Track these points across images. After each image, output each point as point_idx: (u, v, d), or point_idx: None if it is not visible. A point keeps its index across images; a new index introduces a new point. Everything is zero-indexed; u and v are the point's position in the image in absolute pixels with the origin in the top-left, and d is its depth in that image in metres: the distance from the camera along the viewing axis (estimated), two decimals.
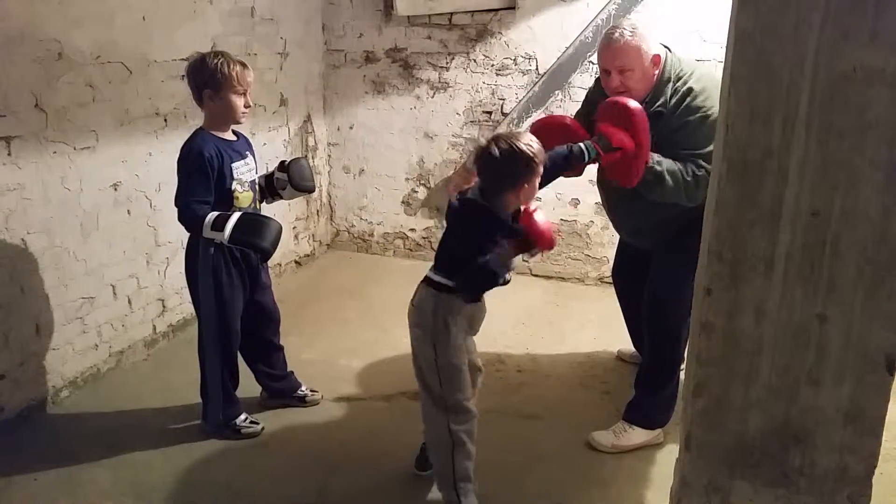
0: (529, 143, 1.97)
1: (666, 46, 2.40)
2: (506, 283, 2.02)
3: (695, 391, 1.33)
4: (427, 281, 2.12)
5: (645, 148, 2.18)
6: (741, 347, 1.27)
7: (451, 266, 2.07)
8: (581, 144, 2.19)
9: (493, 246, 1.97)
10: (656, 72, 2.33)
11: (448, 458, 2.13)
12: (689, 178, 2.25)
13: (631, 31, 2.28)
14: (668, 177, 2.25)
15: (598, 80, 2.61)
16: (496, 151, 1.95)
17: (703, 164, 2.22)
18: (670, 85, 2.32)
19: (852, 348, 1.21)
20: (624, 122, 2.20)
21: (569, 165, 2.20)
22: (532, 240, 2.09)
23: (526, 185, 2.00)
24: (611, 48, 2.30)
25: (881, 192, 1.14)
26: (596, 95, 2.58)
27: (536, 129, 2.39)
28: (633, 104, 2.20)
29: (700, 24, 3.52)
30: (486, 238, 1.98)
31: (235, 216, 2.31)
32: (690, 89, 2.29)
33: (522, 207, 2.09)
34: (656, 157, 2.24)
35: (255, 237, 2.32)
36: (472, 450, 2.15)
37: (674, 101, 2.31)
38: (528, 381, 3.04)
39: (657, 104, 2.31)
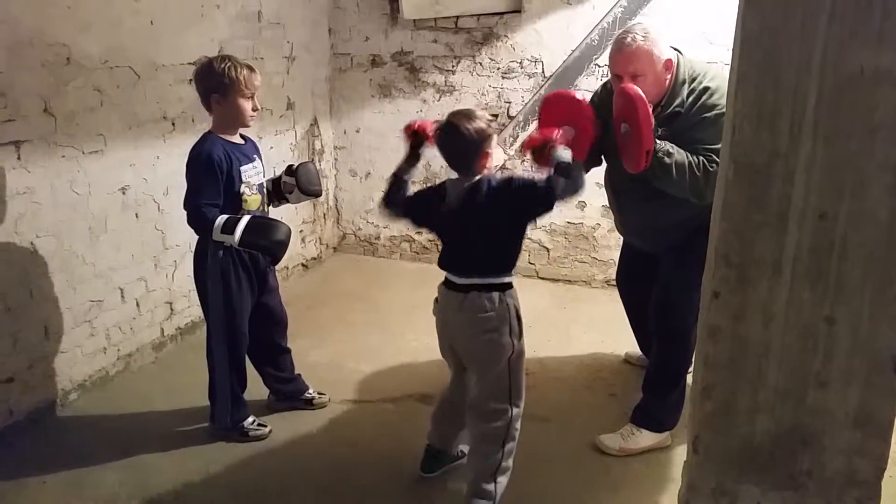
0: (475, 120, 2.07)
1: (677, 49, 2.40)
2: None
3: (702, 394, 1.32)
4: (479, 288, 2.09)
5: (644, 133, 2.17)
6: (749, 350, 1.27)
7: (500, 262, 2.12)
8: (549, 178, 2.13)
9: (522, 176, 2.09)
10: (669, 76, 2.32)
11: (499, 449, 2.16)
12: (698, 172, 2.24)
13: (643, 36, 2.26)
14: (675, 168, 2.24)
15: (603, 85, 2.61)
16: (465, 127, 2.05)
17: (717, 159, 2.21)
18: (685, 86, 2.32)
19: (860, 351, 1.20)
20: (627, 108, 2.21)
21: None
22: (540, 144, 2.15)
23: (488, 152, 2.10)
24: (623, 53, 2.29)
25: (889, 193, 1.14)
26: (605, 102, 2.57)
27: (547, 102, 2.49)
28: (634, 90, 2.19)
29: (706, 26, 3.52)
30: (510, 179, 2.10)
31: (245, 219, 2.32)
32: (706, 88, 2.29)
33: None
34: (667, 146, 2.24)
35: (266, 240, 2.33)
36: (513, 448, 2.21)
37: (690, 99, 2.31)
38: (535, 384, 3.03)
39: (674, 105, 2.31)
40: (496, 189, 2.08)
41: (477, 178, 2.12)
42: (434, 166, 4.36)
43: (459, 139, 2.06)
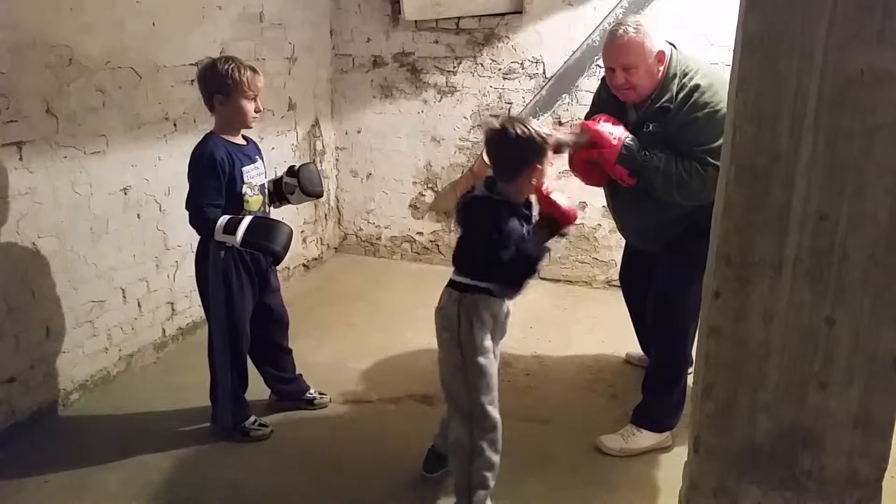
0: (539, 125, 2.00)
1: (671, 44, 2.41)
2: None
3: (703, 394, 1.33)
4: (451, 284, 2.12)
5: (606, 157, 2.30)
6: (749, 351, 1.27)
7: (472, 266, 2.07)
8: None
9: (514, 235, 1.97)
10: (661, 68, 2.33)
11: (466, 466, 2.11)
12: (687, 178, 2.27)
13: (635, 28, 2.28)
14: (661, 178, 2.30)
15: (603, 80, 2.62)
16: (512, 132, 1.95)
17: (711, 160, 2.22)
18: (676, 80, 2.32)
19: (860, 351, 1.21)
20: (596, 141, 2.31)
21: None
22: (556, 217, 2.11)
23: (539, 167, 2.00)
24: (615, 45, 2.31)
25: (889, 195, 1.14)
26: (603, 97, 2.59)
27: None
28: (590, 124, 2.32)
29: (708, 28, 3.52)
30: (504, 228, 1.97)
31: (247, 219, 2.32)
32: (697, 85, 2.29)
33: (536, 192, 2.10)
34: (656, 160, 2.29)
35: (268, 240, 2.34)
36: (494, 459, 2.11)
37: (680, 96, 2.31)
38: (536, 385, 3.04)
39: (663, 100, 2.32)
40: (491, 212, 2.00)
41: (492, 197, 2.03)
42: (434, 167, 4.37)
43: (505, 144, 1.98)
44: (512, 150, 1.98)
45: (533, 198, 2.14)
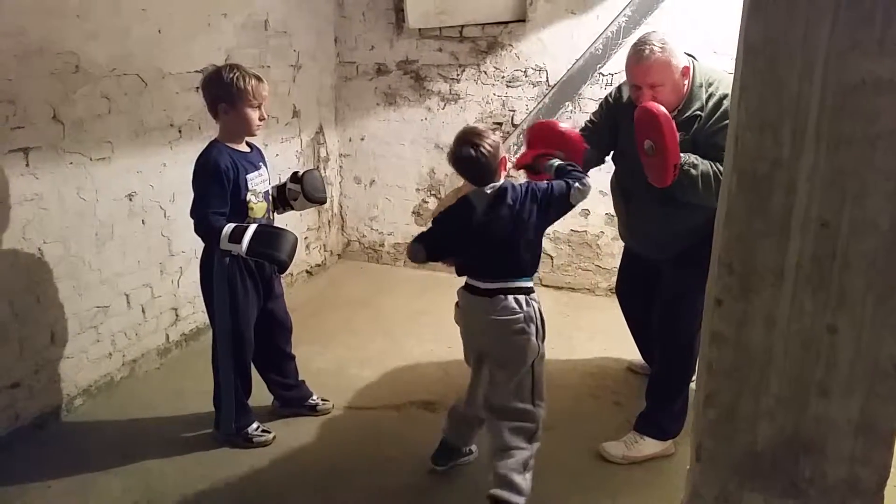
0: (487, 137, 2.21)
1: (691, 55, 2.42)
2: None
3: (705, 402, 1.32)
4: (506, 291, 2.19)
5: (671, 149, 2.18)
6: (751, 358, 1.27)
7: (525, 266, 2.23)
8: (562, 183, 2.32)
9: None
10: (686, 82, 2.34)
11: (528, 446, 2.22)
12: (721, 177, 2.25)
13: (661, 47, 2.28)
14: (700, 180, 2.26)
15: (618, 88, 2.62)
16: (480, 150, 2.17)
17: None
18: (703, 89, 2.34)
19: (862, 359, 1.21)
20: (650, 126, 2.22)
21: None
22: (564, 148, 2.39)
23: (504, 157, 2.26)
24: (642, 65, 2.30)
25: (891, 202, 1.14)
26: (618, 104, 2.58)
27: (532, 131, 2.58)
28: (657, 108, 2.21)
29: (711, 36, 3.52)
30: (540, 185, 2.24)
31: (252, 228, 2.33)
32: (725, 94, 2.30)
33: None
34: (692, 158, 2.25)
35: (273, 249, 2.34)
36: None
37: (710, 104, 2.32)
38: None
39: (694, 108, 2.33)
40: (522, 195, 2.21)
41: (499, 184, 2.22)
42: (438, 174, 4.39)
43: (479, 161, 2.18)
44: (480, 164, 2.18)
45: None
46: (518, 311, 2.19)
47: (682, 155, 2.21)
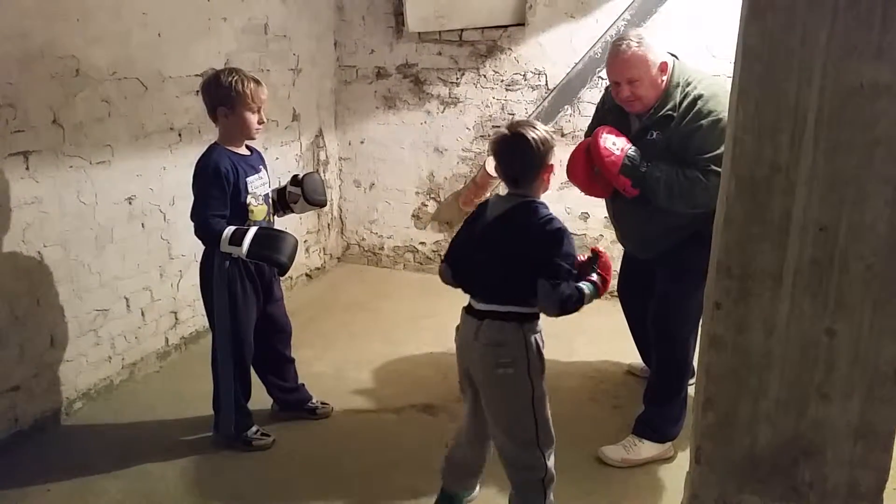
0: (542, 132, 1.97)
1: (673, 54, 2.43)
2: None
3: (705, 405, 1.33)
4: (496, 315, 1.95)
5: (612, 181, 2.36)
6: (751, 362, 1.27)
7: (521, 291, 1.94)
8: (584, 286, 2.00)
9: (570, 270, 1.92)
10: (664, 78, 2.36)
11: (541, 495, 2.03)
12: (686, 185, 2.29)
13: (637, 42, 2.32)
14: (662, 188, 2.31)
15: (607, 90, 2.64)
16: (528, 135, 1.92)
17: (714, 167, 2.23)
18: (679, 89, 2.35)
19: (861, 363, 1.21)
20: (595, 159, 2.36)
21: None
22: (606, 276, 2.07)
23: (553, 164, 1.99)
24: (619, 60, 2.33)
25: (889, 206, 1.14)
26: (606, 106, 2.61)
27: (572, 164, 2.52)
28: (594, 147, 2.34)
29: (709, 40, 3.54)
30: (557, 223, 1.94)
31: (252, 231, 2.33)
32: (700, 95, 2.32)
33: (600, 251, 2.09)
34: (657, 171, 2.32)
35: (273, 251, 2.35)
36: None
37: (684, 105, 2.33)
38: None
39: (667, 108, 2.35)
40: (535, 224, 1.94)
41: (524, 200, 1.99)
42: (437, 178, 4.39)
43: (523, 148, 1.93)
44: (528, 153, 1.93)
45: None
46: (503, 342, 1.94)
47: (646, 165, 2.31)
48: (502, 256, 1.97)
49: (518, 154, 1.95)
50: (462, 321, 2.06)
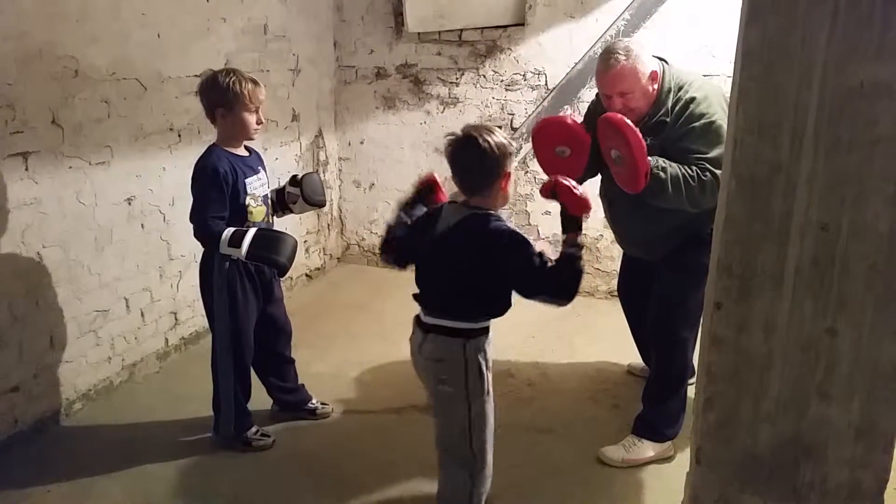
0: (497, 135, 1.86)
1: (661, 59, 2.42)
2: None
3: (705, 405, 1.33)
4: (440, 330, 1.92)
5: (639, 158, 2.17)
6: (751, 361, 1.27)
7: (467, 304, 1.88)
8: (566, 252, 1.92)
9: (543, 260, 1.81)
10: (655, 86, 2.35)
11: (471, 480, 1.99)
12: (693, 182, 2.26)
13: (625, 54, 2.28)
14: (670, 183, 2.26)
15: (598, 95, 2.64)
16: (483, 143, 1.79)
17: (710, 167, 2.23)
18: (671, 95, 2.35)
19: (862, 362, 1.21)
20: (615, 137, 2.23)
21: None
22: (569, 206, 1.90)
23: (510, 172, 1.88)
24: (608, 74, 2.32)
25: (889, 206, 1.14)
26: (597, 110, 2.60)
27: (539, 129, 2.53)
28: (619, 119, 2.20)
29: (709, 40, 3.54)
30: (519, 237, 1.83)
31: (252, 232, 2.33)
32: (693, 98, 2.32)
33: (557, 185, 1.89)
34: (661, 162, 2.26)
35: (272, 253, 2.35)
36: (484, 496, 2.04)
37: (676, 109, 2.33)
38: (539, 395, 3.03)
39: (659, 114, 2.34)
40: (488, 238, 1.84)
41: (476, 212, 1.89)
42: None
43: (476, 153, 1.81)
44: (483, 160, 1.82)
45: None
46: (444, 359, 1.89)
47: (650, 159, 2.21)
48: (452, 272, 1.90)
49: (469, 163, 1.85)
50: (412, 331, 2.05)
